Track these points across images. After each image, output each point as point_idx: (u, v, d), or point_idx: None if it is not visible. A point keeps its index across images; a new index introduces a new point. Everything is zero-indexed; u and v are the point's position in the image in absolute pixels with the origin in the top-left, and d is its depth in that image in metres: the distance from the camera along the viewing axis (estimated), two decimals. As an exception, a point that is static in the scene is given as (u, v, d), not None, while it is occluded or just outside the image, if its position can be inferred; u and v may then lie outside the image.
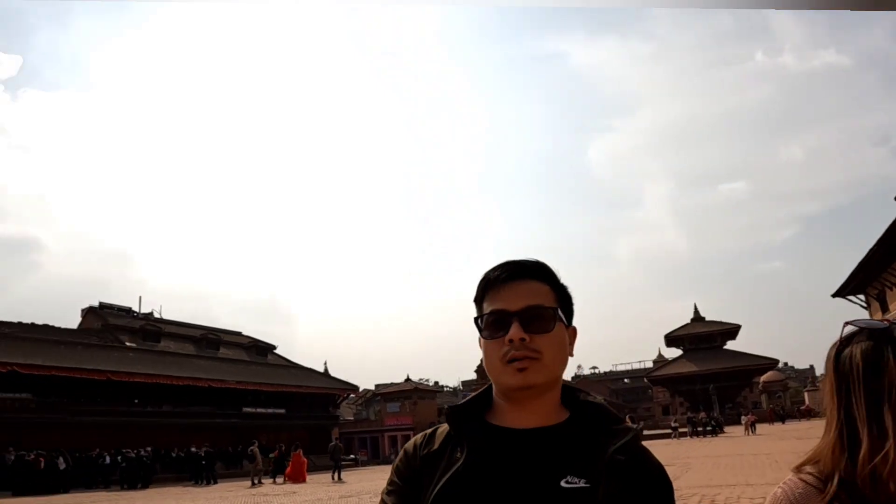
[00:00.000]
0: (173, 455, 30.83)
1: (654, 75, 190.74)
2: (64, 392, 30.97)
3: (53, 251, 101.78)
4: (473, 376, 52.31)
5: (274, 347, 48.81)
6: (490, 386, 1.18)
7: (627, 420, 1.28)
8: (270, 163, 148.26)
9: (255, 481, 24.32)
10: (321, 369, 48.42)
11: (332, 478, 25.09)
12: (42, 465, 23.73)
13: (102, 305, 44.75)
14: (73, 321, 44.22)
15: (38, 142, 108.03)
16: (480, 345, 1.15)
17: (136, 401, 34.82)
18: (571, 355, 1.17)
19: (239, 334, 48.96)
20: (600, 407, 1.15)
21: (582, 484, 1.01)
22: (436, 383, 67.29)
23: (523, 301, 1.11)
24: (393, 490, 1.14)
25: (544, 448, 1.07)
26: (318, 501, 16.50)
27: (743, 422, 39.54)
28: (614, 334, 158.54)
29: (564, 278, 1.19)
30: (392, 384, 54.34)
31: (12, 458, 24.30)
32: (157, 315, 46.46)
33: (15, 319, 38.82)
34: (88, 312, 44.17)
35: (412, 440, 1.20)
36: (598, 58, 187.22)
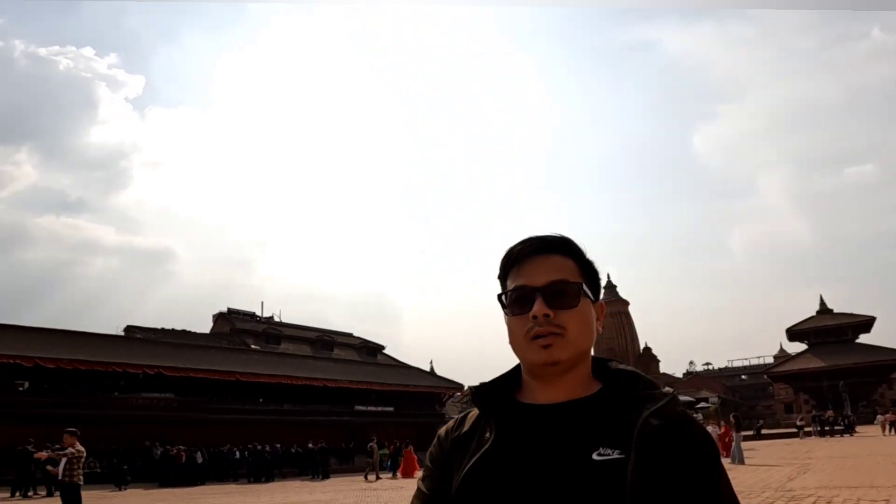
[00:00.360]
0: (293, 451, 32.99)
1: (760, 58, 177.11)
2: (200, 392, 34.07)
3: (185, 260, 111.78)
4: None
5: (383, 347, 50.84)
6: (519, 365, 1.16)
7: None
8: (372, 163, 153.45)
9: (369, 477, 25.66)
10: (427, 368, 49.96)
11: None
12: (183, 458, 26.25)
13: (230, 311, 48.70)
14: (204, 325, 48.52)
15: (167, 157, 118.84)
16: (506, 321, 1.14)
17: (261, 399, 37.60)
18: (600, 332, 1.15)
19: (350, 335, 51.45)
20: (633, 374, 1.12)
21: (615, 455, 0.98)
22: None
23: (547, 276, 1.09)
24: (427, 476, 1.16)
25: (574, 421, 1.04)
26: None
27: (879, 421, 36.43)
28: (729, 329, 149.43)
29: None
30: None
31: (158, 452, 27.18)
32: (276, 319, 49.90)
33: (158, 325, 43.38)
34: (219, 317, 48.27)
35: (445, 426, 1.21)
36: (694, 44, 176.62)
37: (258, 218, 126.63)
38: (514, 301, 1.11)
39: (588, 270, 1.15)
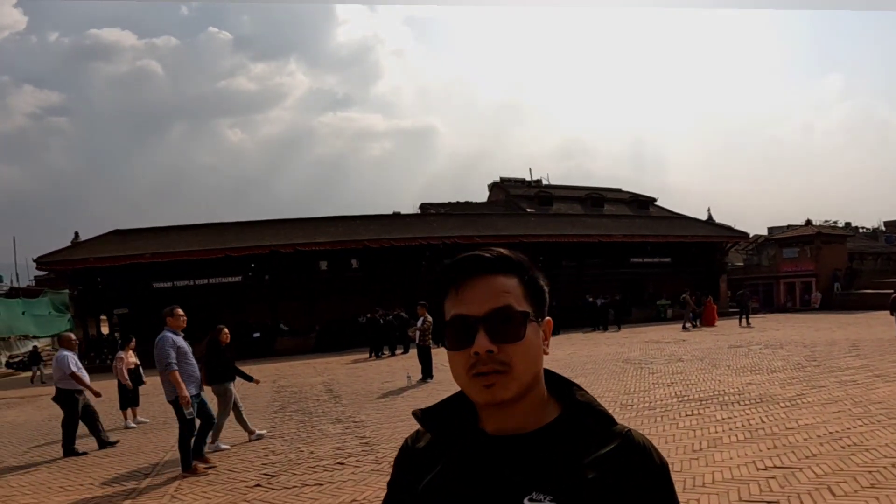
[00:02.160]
0: (580, 304, 35.83)
1: None
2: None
3: (446, 134, 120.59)
4: (896, 213, 44.22)
5: (654, 200, 50.08)
6: None
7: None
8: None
9: (686, 325, 28.51)
10: (704, 217, 48.02)
11: (740, 324, 27.81)
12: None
13: (503, 179, 52.71)
14: (479, 194, 53.37)
15: (406, 44, 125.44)
16: (447, 353, 1.03)
17: (541, 258, 41.13)
18: (546, 353, 1.04)
19: (619, 191, 51.60)
20: (588, 407, 1.03)
21: (546, 502, 0.91)
22: (847, 224, 58.07)
23: (489, 303, 0.98)
24: (390, 482, 1.14)
25: (515, 458, 0.97)
26: (708, 350, 17.93)
27: None
28: None
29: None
30: (789, 227, 50.14)
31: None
32: (545, 182, 52.46)
33: (440, 200, 49.59)
34: (494, 187, 52.69)
35: (407, 437, 1.16)
36: None
37: (504, 84, 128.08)
38: (454, 333, 1.00)
39: (533, 289, 1.04)
